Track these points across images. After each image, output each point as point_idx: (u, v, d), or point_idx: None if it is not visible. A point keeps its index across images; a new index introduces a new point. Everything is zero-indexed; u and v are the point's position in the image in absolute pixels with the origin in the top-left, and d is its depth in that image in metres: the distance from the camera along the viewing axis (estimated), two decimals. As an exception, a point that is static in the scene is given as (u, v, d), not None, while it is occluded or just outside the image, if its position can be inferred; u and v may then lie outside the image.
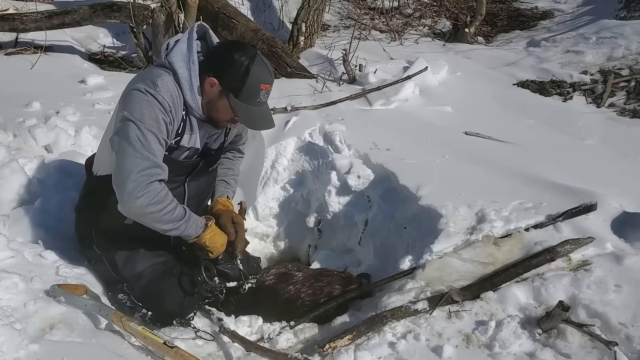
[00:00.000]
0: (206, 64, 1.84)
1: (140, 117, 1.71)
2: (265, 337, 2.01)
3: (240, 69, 1.78)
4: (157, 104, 1.73)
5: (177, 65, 1.80)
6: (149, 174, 1.72)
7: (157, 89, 1.73)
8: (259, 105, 1.85)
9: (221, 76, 1.81)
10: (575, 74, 4.57)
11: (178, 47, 1.82)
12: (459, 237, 2.20)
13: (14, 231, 2.10)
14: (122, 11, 4.60)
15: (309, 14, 5.18)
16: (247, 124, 1.93)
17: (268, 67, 1.84)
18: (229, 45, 1.90)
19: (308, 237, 3.18)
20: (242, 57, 1.78)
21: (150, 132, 1.72)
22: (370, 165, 2.94)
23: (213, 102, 1.85)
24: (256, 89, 1.81)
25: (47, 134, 2.84)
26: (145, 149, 1.71)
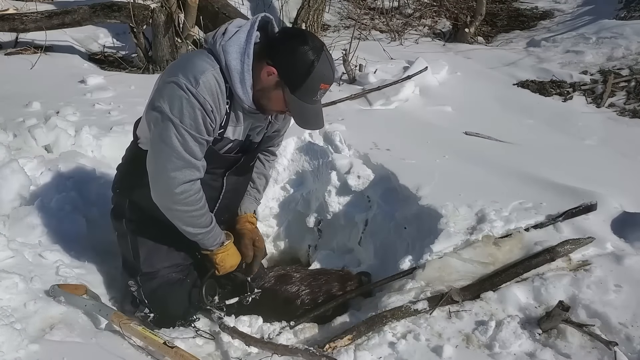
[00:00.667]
0: (266, 50, 1.69)
1: (179, 115, 1.64)
2: (265, 337, 2.01)
3: (304, 66, 1.64)
4: (198, 104, 1.64)
5: (232, 56, 1.68)
6: (183, 174, 1.70)
7: (198, 88, 1.63)
8: (313, 104, 1.74)
9: (281, 67, 1.67)
10: (575, 74, 4.57)
11: (237, 37, 1.69)
12: (459, 237, 2.19)
13: (14, 231, 2.10)
14: (122, 11, 4.60)
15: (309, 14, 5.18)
16: (299, 121, 1.81)
17: (332, 64, 1.71)
18: (295, 34, 1.76)
19: (308, 237, 3.18)
20: (309, 52, 1.63)
21: (188, 133, 1.66)
22: (370, 165, 2.94)
23: (267, 91, 1.73)
24: (315, 88, 1.68)
25: (47, 134, 2.84)
26: (182, 147, 1.66)
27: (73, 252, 2.14)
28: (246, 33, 1.69)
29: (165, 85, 1.67)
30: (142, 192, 1.86)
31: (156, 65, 4.70)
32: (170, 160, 1.67)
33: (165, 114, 1.64)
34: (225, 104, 1.74)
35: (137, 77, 4.37)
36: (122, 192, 2.04)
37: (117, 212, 2.06)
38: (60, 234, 2.20)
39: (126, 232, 2.01)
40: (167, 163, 1.68)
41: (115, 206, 2.08)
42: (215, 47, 1.70)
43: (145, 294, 2.01)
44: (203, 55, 1.72)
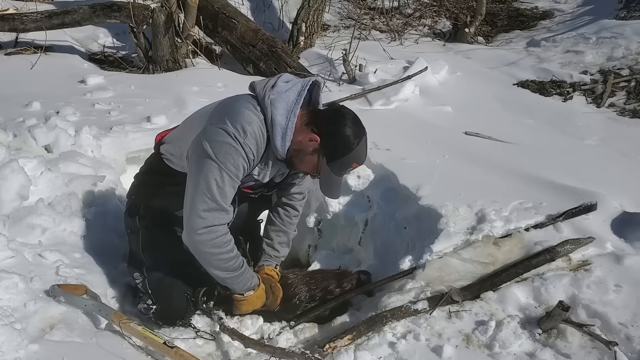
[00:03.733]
0: (313, 118, 1.85)
1: (224, 161, 1.74)
2: (265, 337, 2.01)
3: (346, 145, 1.82)
4: (243, 153, 1.76)
5: (279, 112, 1.80)
6: (213, 216, 1.77)
7: (246, 139, 1.75)
8: (339, 176, 1.93)
9: (325, 139, 1.82)
10: (575, 74, 4.57)
11: (286, 95, 1.82)
12: (459, 237, 2.20)
13: (14, 231, 2.10)
14: (122, 11, 4.60)
15: (309, 14, 5.18)
16: (324, 188, 1.95)
17: (367, 149, 1.91)
18: (343, 114, 1.88)
19: (308, 237, 3.18)
20: (352, 135, 1.82)
21: (229, 177, 1.76)
22: (370, 165, 2.94)
23: (303, 153, 1.86)
24: (348, 165, 1.88)
25: (47, 134, 2.84)
26: (219, 192, 1.75)
27: (73, 252, 2.14)
28: (296, 94, 1.83)
29: (214, 130, 1.77)
30: (159, 200, 2.02)
31: (156, 65, 4.70)
32: (205, 201, 1.76)
33: (210, 156, 1.74)
34: (263, 150, 1.86)
35: (137, 77, 4.37)
36: (138, 198, 2.12)
37: (131, 211, 2.14)
38: (60, 234, 2.19)
39: (139, 228, 2.07)
40: (200, 204, 1.76)
41: (130, 207, 2.15)
42: (264, 99, 1.81)
43: (150, 284, 2.04)
44: (250, 103, 1.83)
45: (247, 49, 4.78)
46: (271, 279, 2.15)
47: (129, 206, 2.16)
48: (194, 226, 1.77)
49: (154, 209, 2.07)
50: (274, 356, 1.78)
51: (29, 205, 2.23)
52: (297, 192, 2.26)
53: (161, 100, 3.72)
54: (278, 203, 2.27)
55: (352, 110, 1.91)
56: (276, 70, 4.57)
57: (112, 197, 2.54)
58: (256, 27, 4.97)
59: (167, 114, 3.39)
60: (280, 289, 2.12)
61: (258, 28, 4.96)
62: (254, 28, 4.90)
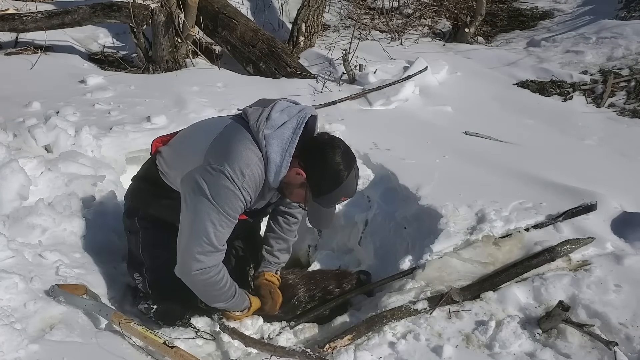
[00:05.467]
0: (300, 152, 1.78)
1: (222, 205, 1.72)
2: (265, 337, 2.01)
3: (333, 181, 1.76)
4: (242, 196, 1.75)
5: (273, 149, 1.76)
6: (208, 258, 1.77)
7: (244, 182, 1.73)
8: (329, 208, 1.87)
9: (310, 175, 1.78)
10: (575, 74, 4.57)
11: (281, 132, 1.77)
12: (459, 237, 2.20)
13: (14, 231, 2.10)
14: (122, 11, 4.60)
15: (309, 14, 5.18)
16: (312, 221, 1.95)
17: (357, 181, 1.85)
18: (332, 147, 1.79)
19: (308, 237, 3.18)
20: (340, 168, 1.75)
21: (227, 220, 1.76)
22: (370, 165, 2.94)
23: (291, 187, 1.84)
24: (337, 200, 1.83)
25: (47, 134, 2.84)
26: (215, 236, 1.75)
27: (73, 252, 2.14)
28: (292, 131, 1.77)
29: (212, 172, 1.72)
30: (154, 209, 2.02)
31: (156, 65, 4.70)
32: (200, 244, 1.75)
33: (208, 197, 1.72)
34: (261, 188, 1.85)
35: (137, 77, 4.36)
36: (135, 202, 2.12)
37: (130, 212, 2.13)
38: (60, 234, 2.19)
39: (138, 229, 2.07)
40: (196, 246, 1.75)
41: (129, 209, 2.15)
42: (259, 135, 1.77)
43: (150, 284, 2.05)
44: (247, 141, 1.77)
45: (247, 49, 4.78)
46: (271, 284, 2.15)
47: (128, 208, 2.16)
48: (188, 267, 1.77)
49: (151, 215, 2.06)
50: (275, 355, 1.78)
51: (29, 205, 2.23)
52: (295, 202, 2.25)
53: (161, 100, 3.72)
54: (277, 211, 2.25)
55: (343, 142, 1.84)
56: (276, 71, 4.57)
57: (112, 197, 2.54)
58: (256, 27, 4.97)
59: (167, 114, 3.39)
60: (279, 294, 2.12)
61: (258, 28, 4.95)
62: (254, 28, 4.90)
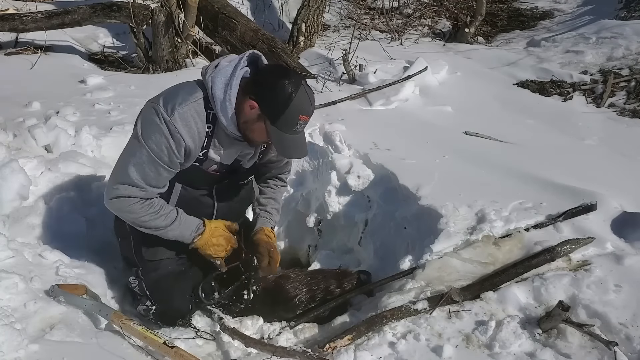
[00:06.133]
0: (250, 85, 1.81)
1: (146, 139, 1.77)
2: (265, 337, 2.01)
3: (283, 99, 1.74)
4: (167, 132, 1.76)
5: (217, 87, 1.80)
6: (126, 189, 1.81)
7: (172, 117, 1.75)
8: (294, 134, 1.83)
9: (262, 101, 1.78)
10: (575, 74, 4.57)
11: (224, 70, 1.82)
12: (459, 237, 2.20)
13: (14, 231, 2.10)
14: (122, 11, 4.60)
15: (309, 14, 5.18)
16: (280, 151, 1.94)
17: (310, 97, 1.81)
18: (275, 70, 1.86)
19: (308, 237, 3.18)
20: (287, 85, 1.74)
21: (149, 156, 1.78)
22: (370, 165, 2.94)
23: (250, 123, 1.84)
24: (294, 119, 1.78)
25: (47, 134, 2.84)
26: (135, 169, 1.79)
27: (73, 252, 2.14)
28: (233, 67, 1.82)
29: (147, 107, 1.82)
30: None
31: (156, 65, 4.70)
32: (120, 174, 1.82)
33: (138, 133, 1.80)
34: (207, 129, 1.86)
35: (137, 77, 4.36)
36: None
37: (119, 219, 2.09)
38: (60, 234, 2.20)
39: (129, 234, 2.05)
40: (116, 175, 1.84)
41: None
42: (205, 77, 1.84)
43: (147, 286, 2.04)
44: (190, 86, 1.87)
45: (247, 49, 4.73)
46: (270, 242, 2.14)
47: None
48: (107, 193, 1.85)
49: None
50: (275, 355, 1.78)
51: (29, 205, 2.23)
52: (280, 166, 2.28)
53: (161, 100, 3.71)
54: (265, 178, 2.30)
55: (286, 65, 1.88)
56: (276, 70, 4.57)
57: (112, 197, 2.54)
58: (256, 27, 4.97)
59: (167, 114, 3.39)
60: (278, 253, 2.14)
61: (258, 28, 4.95)
62: (254, 28, 4.90)
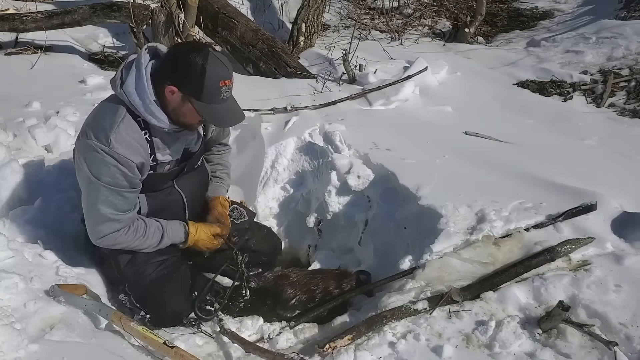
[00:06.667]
0: (162, 74, 1.79)
1: (98, 177, 1.78)
2: (265, 337, 2.01)
3: (196, 72, 1.72)
4: (114, 161, 1.77)
5: (132, 95, 1.78)
6: (105, 227, 1.85)
7: (111, 146, 1.75)
8: (223, 103, 1.81)
9: (179, 82, 1.76)
10: (575, 74, 4.57)
11: (130, 76, 1.80)
12: (459, 237, 2.20)
13: (14, 231, 2.10)
14: (122, 11, 4.59)
15: (309, 14, 5.18)
16: (215, 123, 1.92)
17: (224, 62, 1.78)
18: (180, 48, 1.87)
19: (308, 237, 3.18)
20: (196, 57, 1.72)
21: (108, 190, 1.80)
22: (370, 165, 2.94)
23: (178, 109, 1.82)
24: (216, 87, 1.75)
25: (47, 134, 2.84)
26: (102, 205, 1.81)
27: (73, 252, 2.14)
28: (136, 68, 1.80)
29: (82, 146, 1.81)
30: None
31: (156, 65, 4.70)
32: (92, 218, 1.86)
33: (87, 173, 1.79)
34: (144, 135, 1.85)
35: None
36: None
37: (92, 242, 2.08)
38: (60, 234, 2.20)
39: (107, 255, 2.05)
40: (91, 221, 1.87)
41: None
42: (118, 90, 1.82)
43: (136, 299, 2.02)
44: (110, 107, 1.84)
45: (247, 49, 4.77)
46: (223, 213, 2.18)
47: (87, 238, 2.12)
48: (92, 237, 1.90)
49: None
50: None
51: (29, 205, 2.23)
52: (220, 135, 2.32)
53: (161, 100, 3.71)
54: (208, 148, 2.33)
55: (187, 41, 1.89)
56: (276, 71, 4.57)
57: (112, 197, 2.54)
58: (256, 27, 4.97)
59: (167, 114, 3.39)
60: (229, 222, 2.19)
61: (258, 28, 4.95)
62: (254, 28, 4.89)
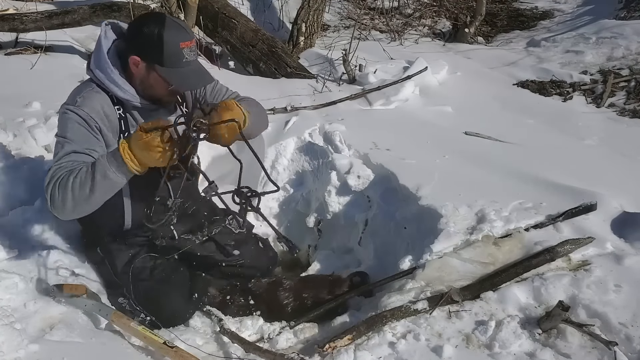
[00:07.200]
0: (124, 49, 1.84)
1: (63, 133, 1.79)
2: (265, 337, 2.01)
3: (154, 38, 1.74)
4: (78, 117, 1.78)
5: (96, 71, 1.84)
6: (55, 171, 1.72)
7: (76, 105, 1.79)
8: (188, 66, 1.80)
9: (140, 52, 1.79)
10: (575, 74, 4.57)
11: (94, 55, 1.86)
12: (459, 237, 2.19)
13: (14, 231, 2.10)
14: (122, 11, 4.60)
15: (309, 14, 5.18)
16: (183, 87, 1.88)
17: (182, 25, 1.81)
18: (137, 20, 1.89)
19: (308, 237, 3.18)
20: (151, 25, 1.75)
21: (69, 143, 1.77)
22: (370, 165, 2.94)
23: (145, 81, 1.84)
24: (177, 50, 1.75)
25: (47, 134, 2.85)
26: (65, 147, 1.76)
27: (73, 252, 2.14)
28: (96, 46, 1.86)
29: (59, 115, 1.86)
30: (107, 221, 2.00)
31: (156, 65, 4.70)
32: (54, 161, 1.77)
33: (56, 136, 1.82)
34: (117, 111, 1.88)
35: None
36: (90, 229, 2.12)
37: (88, 241, 2.12)
38: (60, 234, 2.19)
39: (103, 258, 2.05)
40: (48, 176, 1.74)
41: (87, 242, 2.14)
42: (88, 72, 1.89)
43: (136, 302, 2.01)
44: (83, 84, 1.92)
45: (247, 49, 4.78)
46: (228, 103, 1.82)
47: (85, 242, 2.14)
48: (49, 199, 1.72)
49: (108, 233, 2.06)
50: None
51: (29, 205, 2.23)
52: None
53: (161, 100, 3.71)
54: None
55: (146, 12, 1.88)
56: (276, 71, 4.57)
57: (112, 197, 2.54)
58: (256, 27, 4.97)
59: (167, 114, 3.39)
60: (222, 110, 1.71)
61: (258, 28, 4.95)
62: (254, 28, 4.90)
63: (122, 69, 1.84)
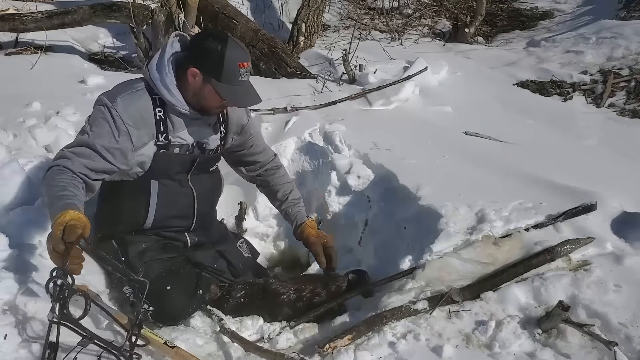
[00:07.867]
0: (185, 59, 1.94)
1: (90, 122, 1.86)
2: (265, 337, 2.01)
3: (216, 54, 1.86)
4: (109, 116, 1.84)
5: (152, 71, 1.94)
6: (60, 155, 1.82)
7: (114, 104, 1.85)
8: (241, 84, 1.93)
9: (200, 65, 1.89)
10: (575, 74, 4.58)
11: (155, 57, 1.98)
12: (459, 237, 2.20)
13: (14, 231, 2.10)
14: (122, 11, 4.59)
15: (309, 14, 5.18)
16: (234, 103, 2.01)
17: (242, 46, 1.94)
18: (201, 35, 2.05)
19: (308, 237, 3.17)
20: (215, 42, 1.87)
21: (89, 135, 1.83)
22: (370, 165, 2.94)
23: (199, 92, 1.93)
24: (235, 68, 1.89)
25: (47, 134, 2.84)
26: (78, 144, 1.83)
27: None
28: (161, 50, 1.97)
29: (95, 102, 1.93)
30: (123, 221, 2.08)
31: (156, 65, 4.70)
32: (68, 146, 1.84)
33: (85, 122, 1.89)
34: (158, 113, 1.94)
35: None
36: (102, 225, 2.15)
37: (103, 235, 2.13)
38: (60, 234, 2.19)
39: (117, 250, 2.07)
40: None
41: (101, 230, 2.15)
42: (143, 70, 2.01)
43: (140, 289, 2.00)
44: (133, 80, 2.02)
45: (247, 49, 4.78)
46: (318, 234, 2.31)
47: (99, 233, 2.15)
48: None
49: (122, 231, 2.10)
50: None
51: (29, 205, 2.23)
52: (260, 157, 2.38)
53: (161, 100, 3.71)
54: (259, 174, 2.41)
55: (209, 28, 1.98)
56: (276, 71, 4.57)
57: (112, 197, 2.54)
58: (256, 27, 4.97)
59: (167, 114, 3.39)
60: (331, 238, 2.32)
61: (258, 28, 4.95)
62: (254, 28, 4.90)
63: (175, 77, 1.93)
